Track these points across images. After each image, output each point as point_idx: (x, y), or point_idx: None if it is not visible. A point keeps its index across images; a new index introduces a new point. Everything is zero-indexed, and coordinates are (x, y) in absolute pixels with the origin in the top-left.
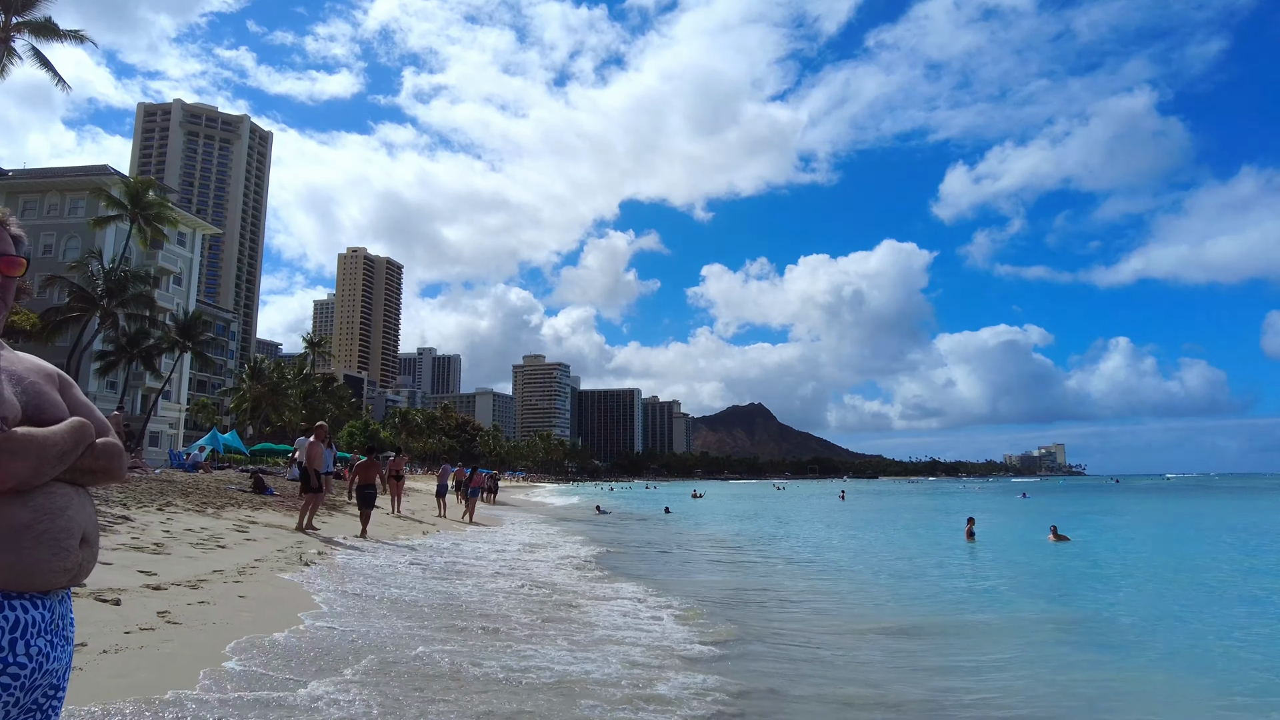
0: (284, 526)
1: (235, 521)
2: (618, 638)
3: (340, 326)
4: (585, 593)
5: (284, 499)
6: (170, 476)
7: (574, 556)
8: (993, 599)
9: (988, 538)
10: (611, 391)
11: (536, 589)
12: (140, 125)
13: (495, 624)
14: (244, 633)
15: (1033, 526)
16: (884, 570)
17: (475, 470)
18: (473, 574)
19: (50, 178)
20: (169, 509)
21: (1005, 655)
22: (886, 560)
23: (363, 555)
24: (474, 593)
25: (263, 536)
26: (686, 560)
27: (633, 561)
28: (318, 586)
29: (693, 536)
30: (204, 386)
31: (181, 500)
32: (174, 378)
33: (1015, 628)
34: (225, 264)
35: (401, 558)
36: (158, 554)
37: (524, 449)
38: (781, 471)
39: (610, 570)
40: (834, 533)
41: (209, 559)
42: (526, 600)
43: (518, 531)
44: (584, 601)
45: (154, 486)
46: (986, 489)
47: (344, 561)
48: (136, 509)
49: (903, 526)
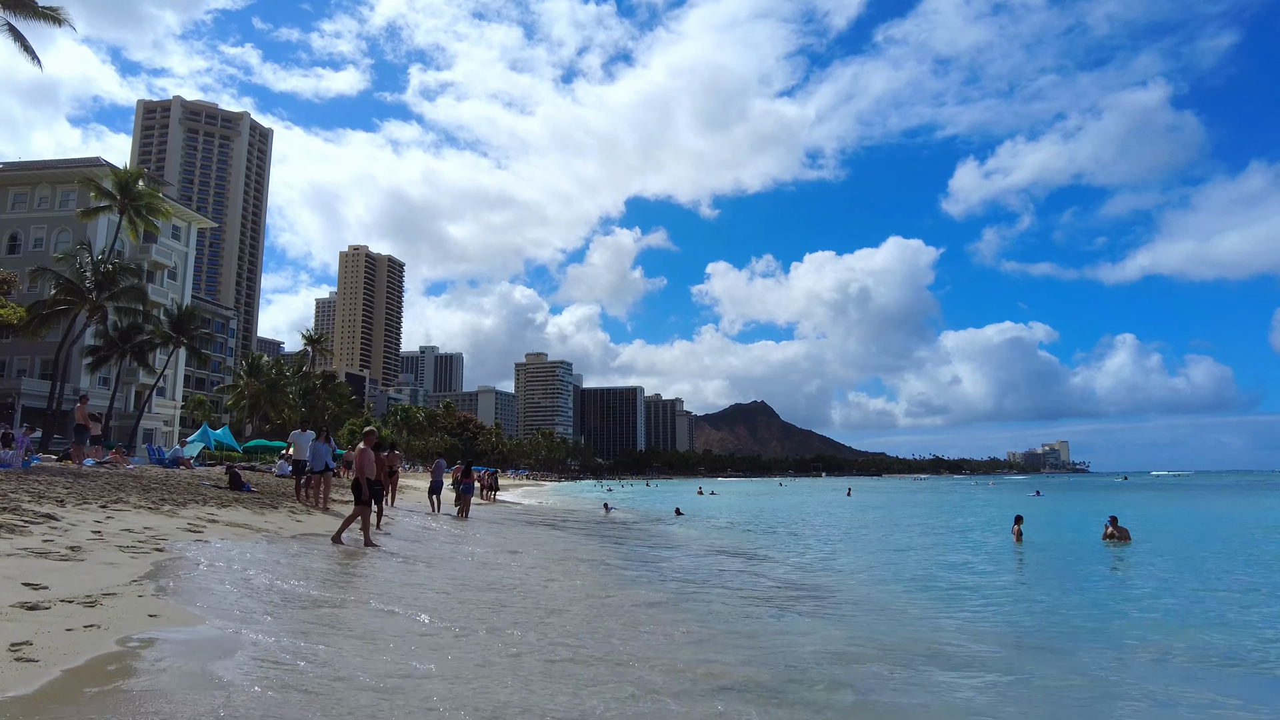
0: (248, 526)
1: (191, 521)
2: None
3: (342, 325)
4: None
5: (262, 495)
6: (143, 472)
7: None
8: (1158, 627)
9: (1033, 538)
10: (614, 389)
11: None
12: (140, 122)
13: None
14: (123, 677)
15: (1073, 525)
16: (1022, 598)
17: (470, 467)
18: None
19: (40, 170)
20: (115, 506)
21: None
22: (995, 579)
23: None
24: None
25: (217, 538)
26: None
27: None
28: (246, 607)
29: (727, 550)
30: (202, 384)
31: (137, 497)
32: (168, 374)
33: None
34: (225, 261)
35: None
36: (65, 561)
37: (526, 447)
38: (785, 469)
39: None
40: (882, 540)
41: (133, 566)
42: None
43: (495, 539)
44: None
45: (114, 481)
46: (997, 487)
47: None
48: (74, 506)
49: (946, 530)
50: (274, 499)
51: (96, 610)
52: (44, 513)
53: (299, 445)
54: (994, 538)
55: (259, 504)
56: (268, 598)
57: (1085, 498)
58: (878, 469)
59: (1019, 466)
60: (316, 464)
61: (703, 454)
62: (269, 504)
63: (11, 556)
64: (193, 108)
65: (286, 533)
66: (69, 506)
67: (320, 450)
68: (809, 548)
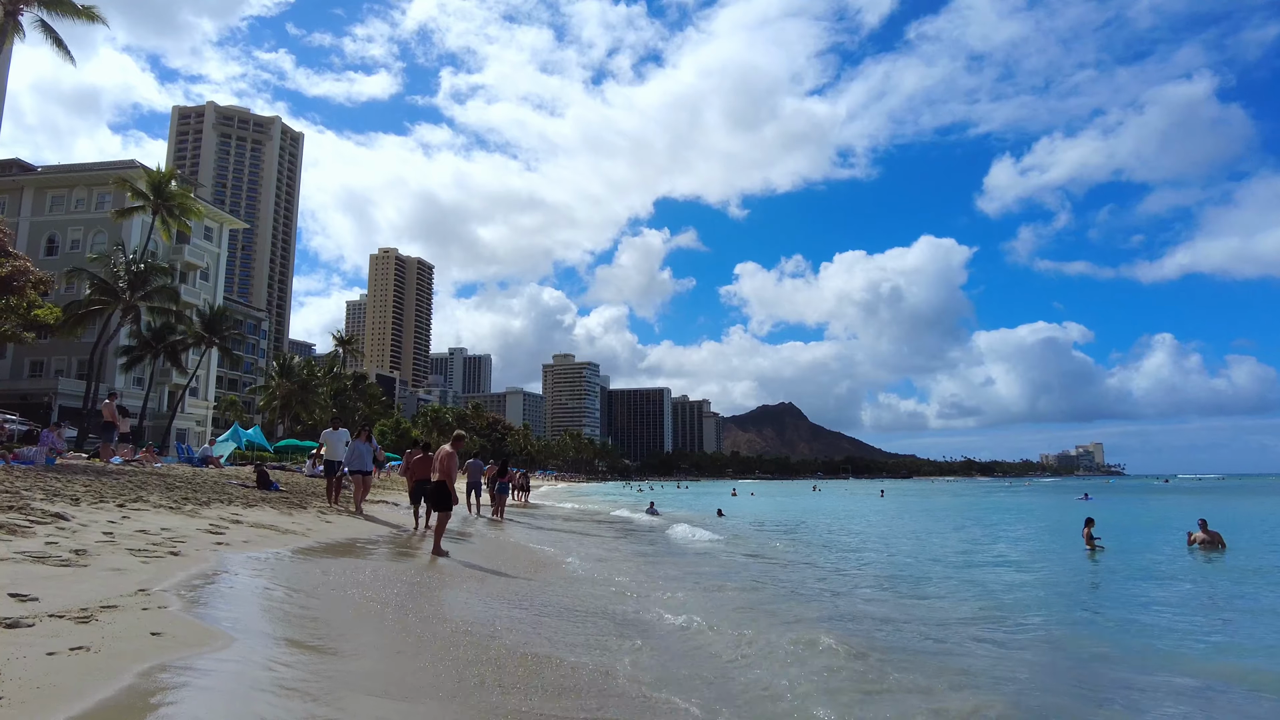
0: (274, 528)
1: (213, 522)
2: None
3: (372, 326)
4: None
5: (290, 495)
6: (170, 471)
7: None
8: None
9: (1109, 544)
10: (641, 391)
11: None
12: (175, 128)
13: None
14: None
15: (1142, 529)
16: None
17: (506, 466)
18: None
19: (77, 173)
20: (134, 505)
21: None
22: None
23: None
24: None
25: (240, 540)
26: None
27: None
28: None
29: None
30: (234, 385)
31: (159, 496)
32: (201, 375)
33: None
34: (258, 263)
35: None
36: (65, 567)
37: (554, 448)
38: (814, 471)
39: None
40: (953, 545)
41: (143, 573)
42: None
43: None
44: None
45: (137, 480)
46: (1036, 489)
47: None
48: (89, 505)
49: (1010, 536)
50: (303, 499)
51: (88, 628)
52: (54, 512)
53: (331, 444)
54: (1054, 543)
55: (287, 504)
56: (289, 613)
57: (1135, 501)
58: (907, 471)
59: (1052, 469)
60: (357, 464)
61: (731, 456)
62: (297, 504)
63: (4, 561)
64: (225, 113)
65: (315, 535)
66: (83, 505)
67: (362, 450)
68: (918, 566)
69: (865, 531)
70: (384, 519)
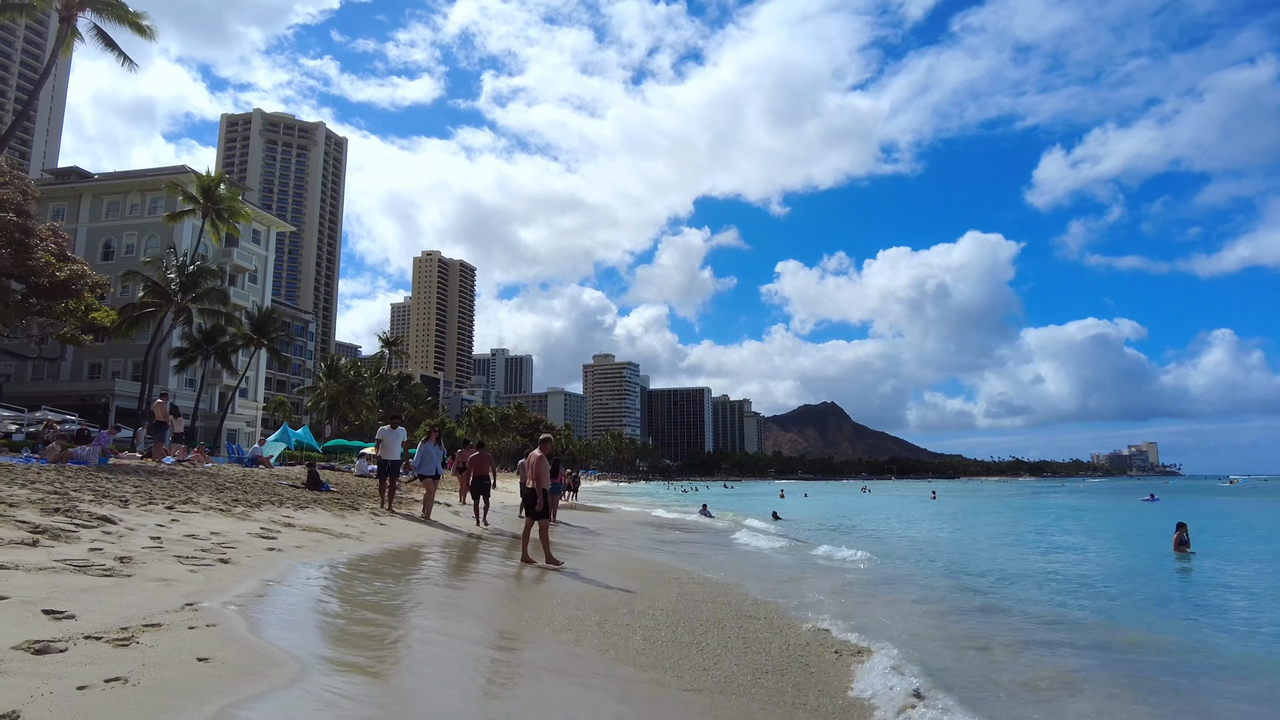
0: (327, 531)
1: (265, 525)
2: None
3: (416, 328)
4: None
5: (341, 495)
6: (220, 471)
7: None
8: None
9: (1204, 551)
10: (681, 390)
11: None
12: (223, 135)
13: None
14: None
15: (1228, 531)
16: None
17: (558, 465)
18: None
19: (131, 179)
20: (183, 507)
21: None
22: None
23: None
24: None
25: (292, 545)
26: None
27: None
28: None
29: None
30: (283, 386)
31: (209, 497)
32: (250, 375)
33: None
34: (304, 267)
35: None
36: (108, 577)
37: (595, 448)
38: (857, 472)
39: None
40: (1053, 547)
41: (190, 584)
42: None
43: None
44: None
45: (188, 480)
46: (1096, 490)
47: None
48: (138, 507)
49: (1100, 538)
50: (354, 499)
51: (128, 652)
52: (101, 515)
53: (388, 443)
54: (1134, 547)
55: (339, 505)
56: (353, 634)
57: (1208, 503)
58: (954, 471)
59: (1103, 469)
60: (427, 467)
61: (773, 456)
62: (349, 505)
63: (44, 571)
64: (271, 119)
65: (372, 539)
66: (132, 508)
67: (431, 453)
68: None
69: (954, 538)
70: (441, 521)
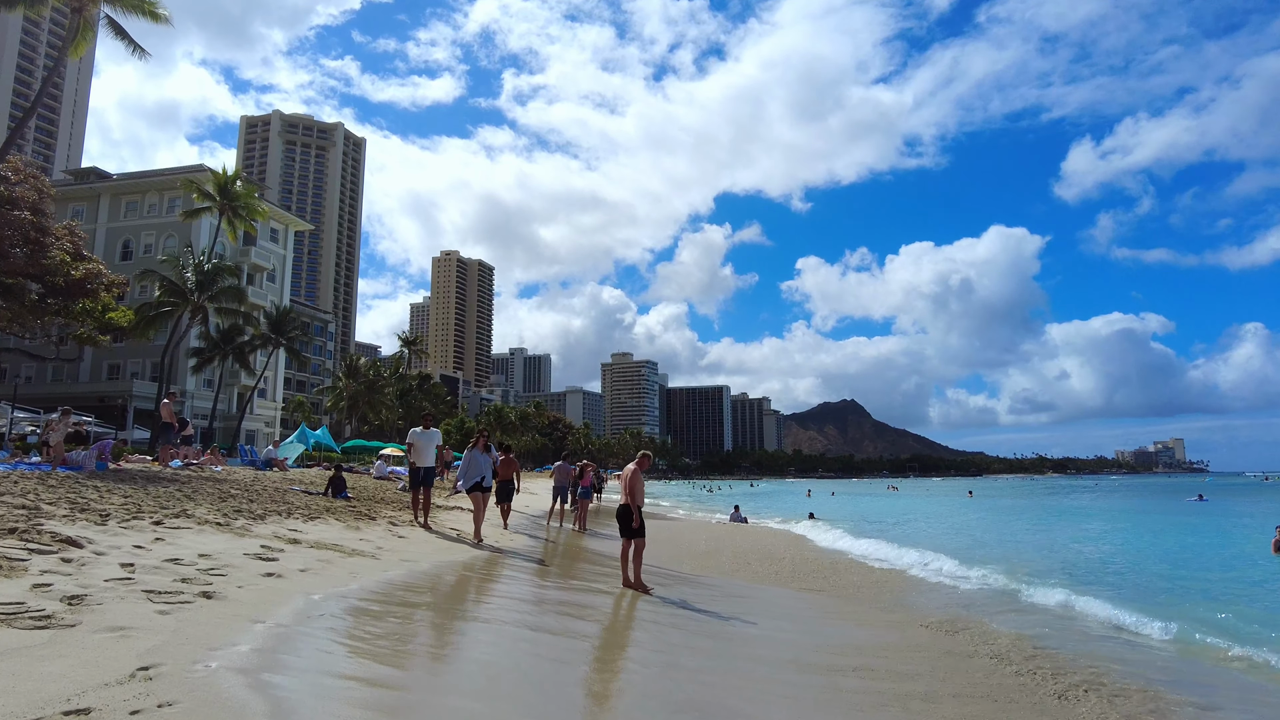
0: (338, 548)
1: (266, 542)
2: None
3: (435, 328)
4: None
5: (357, 503)
6: (230, 475)
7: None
8: None
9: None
10: (699, 389)
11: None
12: (243, 136)
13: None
14: None
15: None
16: None
17: (586, 466)
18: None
19: (149, 178)
20: (175, 521)
21: None
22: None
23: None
24: None
25: (295, 568)
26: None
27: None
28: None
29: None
30: (303, 387)
31: (207, 507)
32: (269, 376)
33: None
34: (324, 267)
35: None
36: (43, 628)
37: (615, 446)
38: (879, 470)
39: None
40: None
41: (153, 634)
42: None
43: None
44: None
45: (190, 488)
46: (1132, 488)
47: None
48: (119, 523)
49: (1181, 539)
50: (371, 507)
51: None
52: (66, 537)
53: (421, 447)
54: (1229, 550)
55: (353, 514)
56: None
57: (1259, 502)
58: (976, 469)
59: (1129, 465)
60: (473, 478)
61: (793, 454)
62: (365, 513)
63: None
64: (290, 121)
65: (390, 556)
66: (111, 524)
67: (479, 462)
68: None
69: (1023, 540)
70: (487, 541)
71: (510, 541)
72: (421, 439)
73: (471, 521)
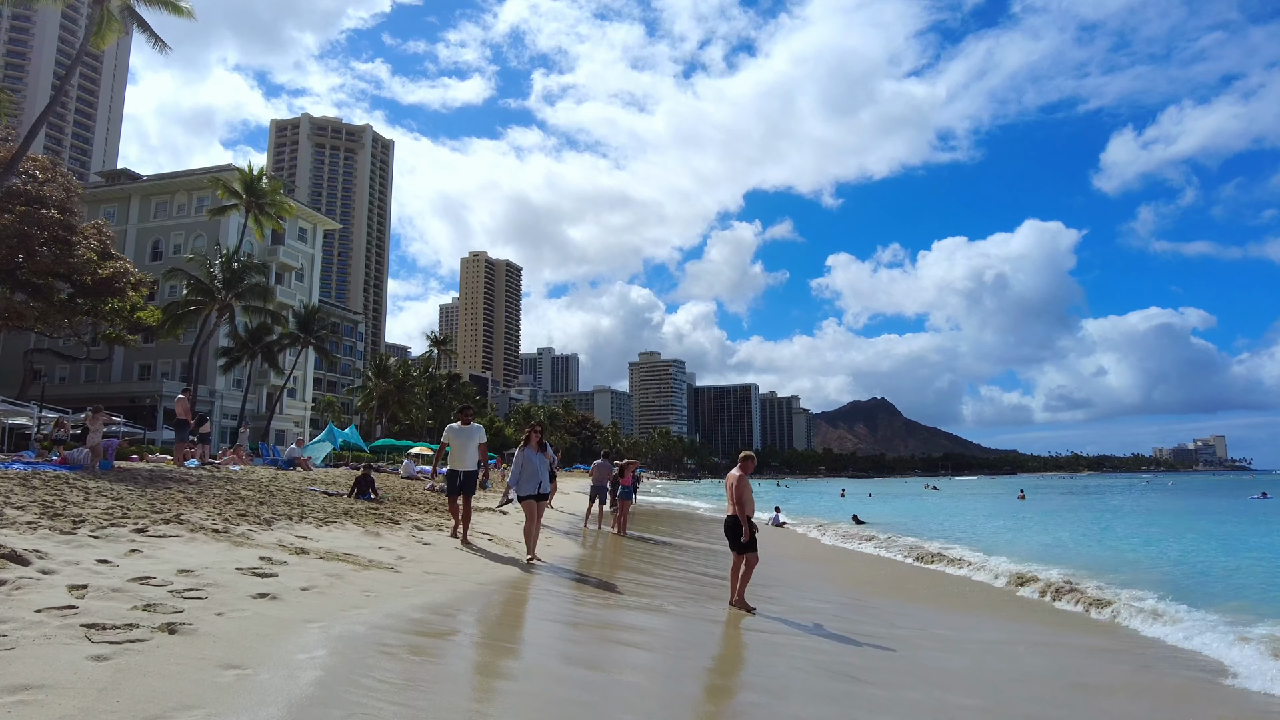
0: (353, 559)
1: (268, 552)
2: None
3: (464, 328)
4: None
5: (380, 505)
6: (248, 475)
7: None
8: None
9: None
10: (728, 388)
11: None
12: (273, 140)
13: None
14: None
15: None
16: None
17: (629, 465)
18: None
19: (178, 179)
20: (162, 529)
21: None
22: None
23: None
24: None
25: (296, 585)
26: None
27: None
28: None
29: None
30: (333, 387)
31: (207, 511)
32: (298, 376)
33: None
34: (354, 268)
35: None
36: None
37: (643, 446)
38: (911, 469)
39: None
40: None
41: (59, 699)
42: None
43: None
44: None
45: (194, 490)
46: (1188, 487)
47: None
48: (90, 531)
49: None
50: (395, 508)
51: None
52: (10, 551)
53: (459, 446)
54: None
55: (375, 518)
56: None
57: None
58: (1010, 467)
59: (1168, 463)
60: (526, 486)
61: (824, 453)
62: (388, 516)
63: None
64: (319, 123)
65: (411, 569)
66: (81, 533)
67: (533, 464)
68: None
69: (1159, 552)
70: (505, 549)
71: (547, 546)
72: (460, 436)
73: (495, 528)
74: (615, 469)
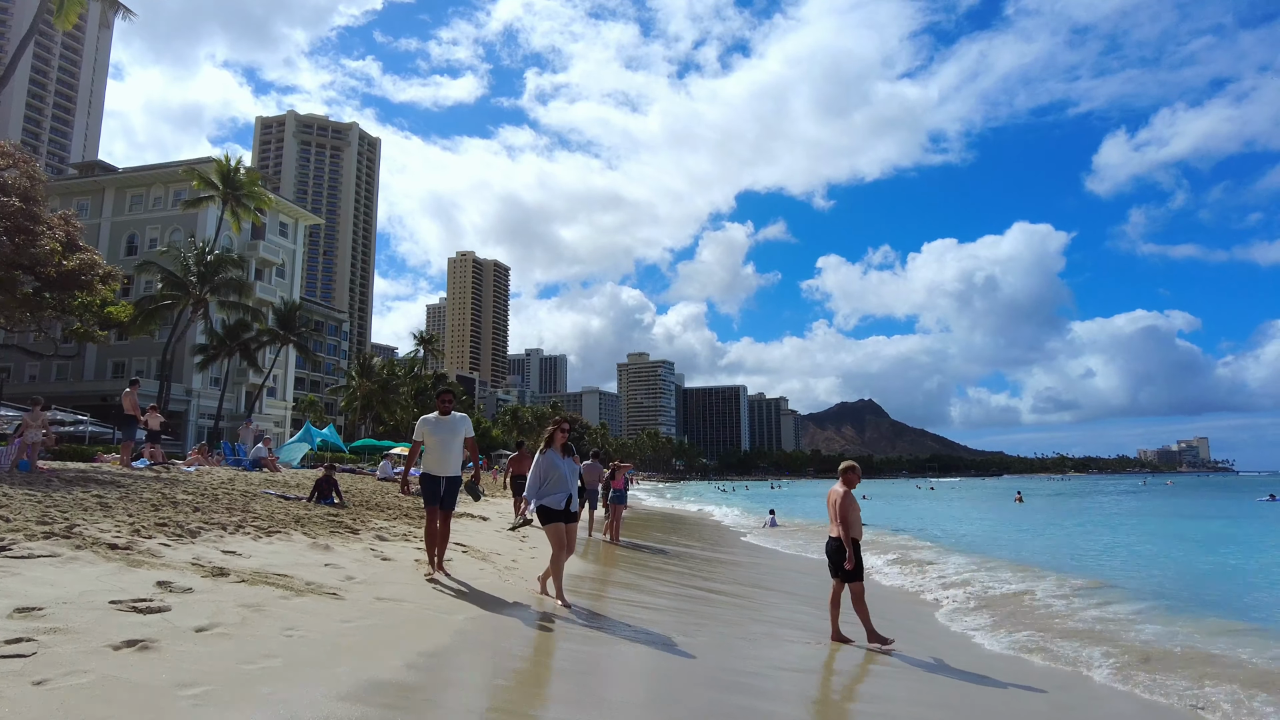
0: (285, 582)
1: (173, 574)
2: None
3: (452, 329)
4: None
5: (341, 510)
6: (201, 477)
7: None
8: None
9: None
10: (716, 389)
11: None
12: (258, 137)
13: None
14: None
15: None
16: None
17: (620, 467)
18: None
19: (153, 171)
20: (44, 542)
21: None
22: None
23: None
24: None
25: (185, 628)
26: None
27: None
28: None
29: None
30: (316, 387)
31: (116, 520)
32: (279, 374)
33: None
34: (339, 267)
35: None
36: None
37: (632, 447)
38: (899, 470)
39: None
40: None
41: None
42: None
43: None
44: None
45: (110, 495)
46: (1188, 487)
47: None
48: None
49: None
50: (358, 515)
51: None
52: None
53: (438, 444)
54: None
55: (330, 526)
56: None
57: None
58: (997, 468)
59: (1152, 465)
60: (555, 498)
61: (811, 454)
62: (347, 525)
63: None
64: (305, 121)
65: (357, 597)
66: None
67: (564, 473)
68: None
69: (1174, 558)
70: (482, 566)
71: (532, 559)
72: (439, 430)
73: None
74: (606, 471)
